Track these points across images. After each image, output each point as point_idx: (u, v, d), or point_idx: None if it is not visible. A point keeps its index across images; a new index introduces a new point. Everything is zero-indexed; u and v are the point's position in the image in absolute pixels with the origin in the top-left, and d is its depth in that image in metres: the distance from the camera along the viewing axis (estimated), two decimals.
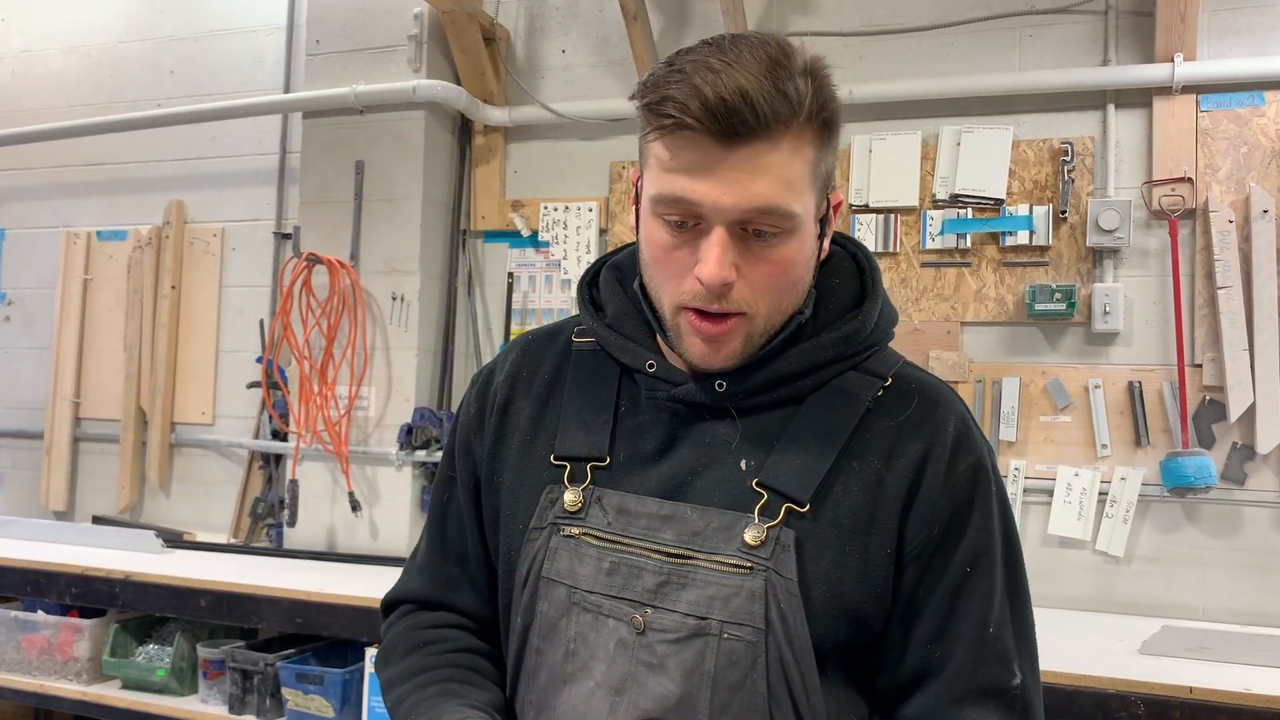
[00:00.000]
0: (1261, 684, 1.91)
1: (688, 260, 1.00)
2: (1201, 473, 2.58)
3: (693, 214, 0.98)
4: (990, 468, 1.08)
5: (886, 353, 1.12)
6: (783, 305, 1.04)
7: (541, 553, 1.09)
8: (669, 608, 1.03)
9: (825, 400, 1.07)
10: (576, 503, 1.09)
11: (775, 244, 0.99)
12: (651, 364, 1.09)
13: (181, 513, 3.74)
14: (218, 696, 2.72)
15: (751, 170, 0.95)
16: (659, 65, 0.99)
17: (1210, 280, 2.69)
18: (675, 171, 0.97)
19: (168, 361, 3.75)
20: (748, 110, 0.93)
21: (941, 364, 2.87)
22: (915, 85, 2.95)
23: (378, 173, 3.29)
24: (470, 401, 1.23)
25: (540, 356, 1.20)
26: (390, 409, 3.24)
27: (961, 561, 1.05)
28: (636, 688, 1.03)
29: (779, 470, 1.04)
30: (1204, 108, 2.74)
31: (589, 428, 1.12)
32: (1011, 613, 1.08)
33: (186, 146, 3.85)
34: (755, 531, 1.02)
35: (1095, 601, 2.75)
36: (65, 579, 2.79)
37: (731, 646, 1.01)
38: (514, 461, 1.16)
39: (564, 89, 3.37)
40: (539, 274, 3.37)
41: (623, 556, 1.06)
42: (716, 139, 0.95)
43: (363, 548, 3.20)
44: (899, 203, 2.97)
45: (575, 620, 1.06)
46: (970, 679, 1.04)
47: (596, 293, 1.19)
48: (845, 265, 1.14)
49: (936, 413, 1.07)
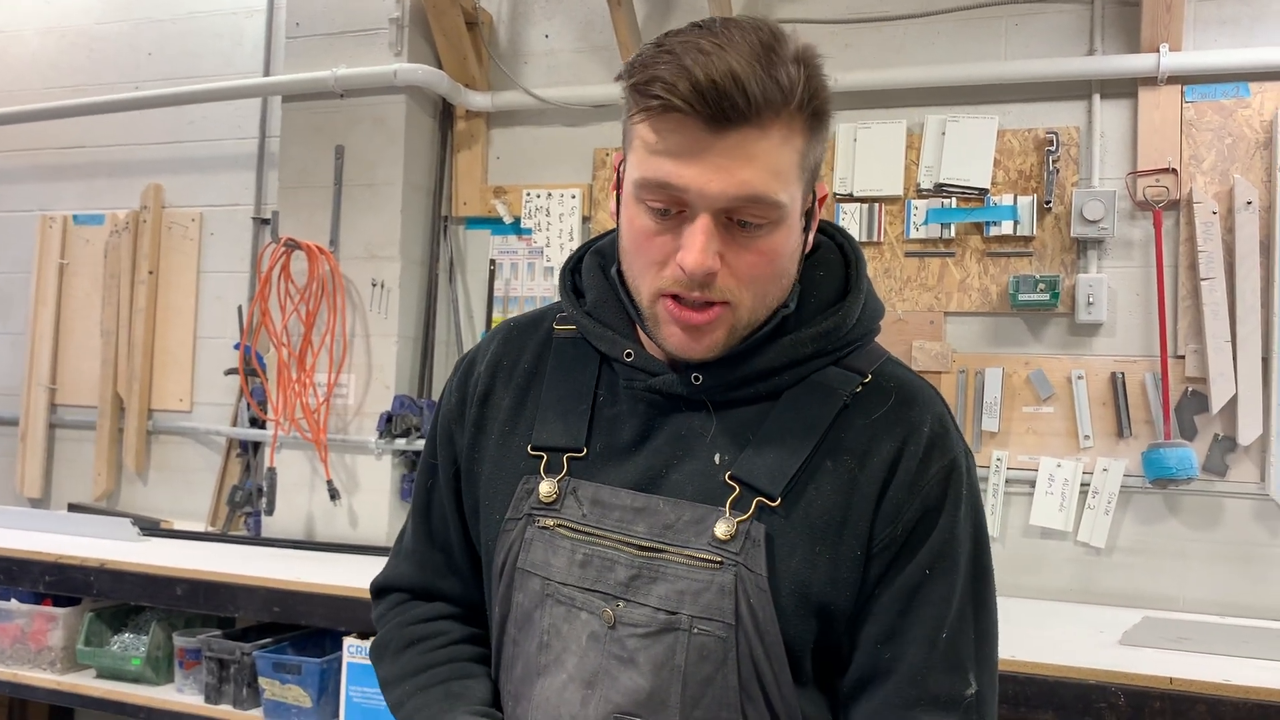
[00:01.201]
0: (1241, 675, 1.91)
1: (669, 246, 0.98)
2: (1183, 464, 2.59)
3: (677, 200, 0.96)
4: (965, 470, 1.05)
5: (870, 348, 1.10)
6: (767, 298, 1.02)
7: (517, 544, 1.08)
8: (640, 601, 1.02)
9: (803, 395, 1.05)
10: (552, 494, 1.08)
11: (760, 234, 0.97)
12: (629, 353, 1.08)
13: (159, 500, 3.70)
14: (194, 686, 2.69)
15: (740, 157, 0.93)
16: (647, 46, 0.96)
17: (1194, 271, 2.69)
18: (661, 155, 0.95)
19: (145, 348, 3.70)
20: (739, 94, 0.91)
21: (925, 354, 2.86)
22: (901, 74, 2.94)
23: (358, 157, 3.25)
24: (452, 390, 1.22)
25: (521, 345, 1.19)
26: (370, 397, 3.21)
27: (922, 562, 1.02)
28: (608, 681, 1.02)
29: (752, 464, 1.03)
30: (1189, 98, 2.73)
31: (567, 418, 1.10)
32: (974, 621, 1.04)
33: (165, 130, 3.79)
34: (726, 526, 1.01)
35: (1076, 592, 2.75)
36: (39, 567, 2.76)
37: (702, 641, 1.00)
38: (493, 452, 1.15)
39: (547, 74, 3.34)
40: (521, 261, 3.34)
41: (595, 549, 1.05)
42: (705, 123, 0.92)
43: (342, 536, 3.17)
44: (883, 192, 2.95)
45: (549, 612, 1.06)
46: (920, 685, 1.01)
47: (579, 279, 1.17)
48: (831, 257, 1.12)
49: (913, 411, 1.05)
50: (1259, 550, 2.64)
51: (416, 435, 3.14)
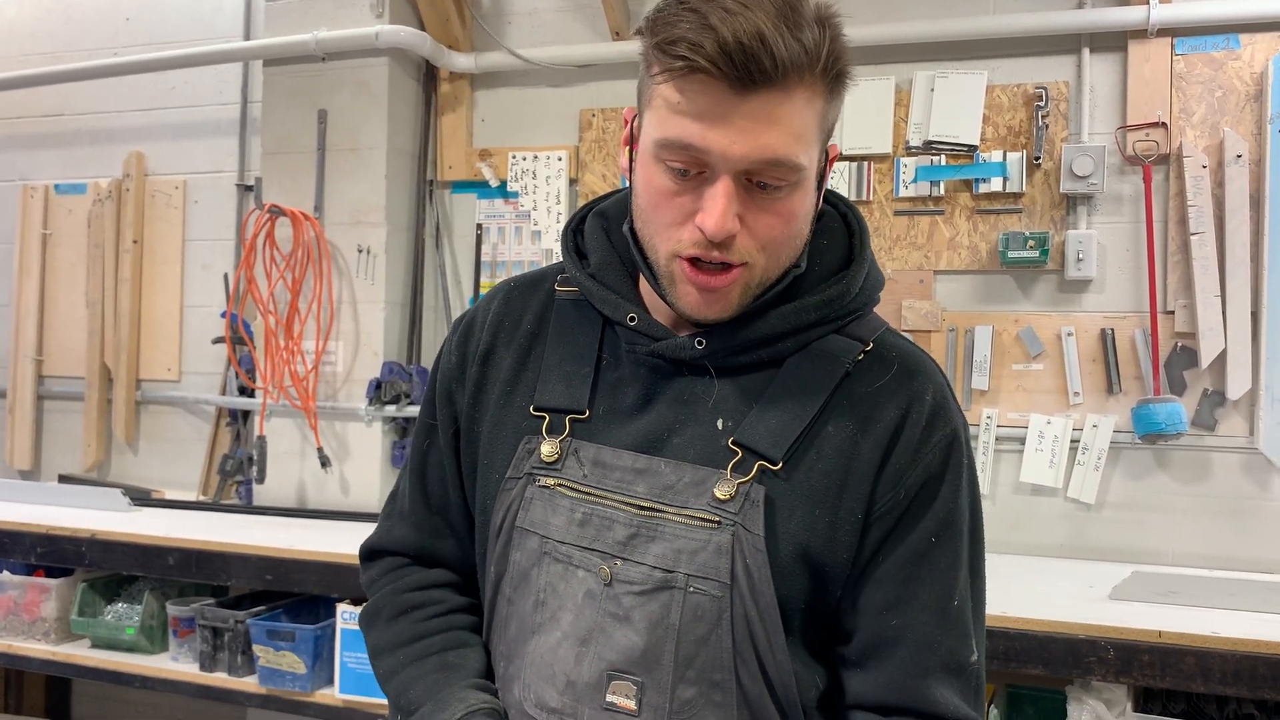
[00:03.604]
0: (1228, 627, 1.93)
1: (688, 207, 0.98)
2: (1172, 419, 2.59)
3: (699, 162, 0.95)
4: (964, 441, 1.07)
5: (870, 317, 1.11)
6: (781, 259, 1.02)
7: (517, 502, 1.08)
8: (637, 560, 1.02)
9: (805, 362, 1.06)
10: (553, 454, 1.08)
11: (780, 196, 0.97)
12: (633, 317, 1.07)
13: (149, 470, 3.69)
14: (188, 654, 2.70)
15: (764, 120, 0.92)
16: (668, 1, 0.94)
17: (1183, 226, 2.68)
18: (684, 115, 0.94)
19: (131, 317, 3.68)
20: (766, 56, 0.89)
21: (914, 313, 2.85)
22: (889, 29, 2.90)
23: (341, 122, 3.22)
24: (451, 349, 1.21)
25: (523, 305, 1.18)
26: (358, 363, 3.20)
27: (928, 530, 1.03)
28: (603, 639, 1.02)
29: (754, 429, 1.03)
30: (1179, 51, 2.71)
31: (569, 379, 1.10)
32: (972, 589, 1.06)
33: (145, 97, 3.74)
34: (726, 487, 1.01)
35: (1067, 548, 2.76)
36: (31, 538, 2.75)
37: (697, 600, 1.00)
38: (493, 411, 1.14)
39: (531, 34, 3.30)
40: (508, 225, 3.32)
41: (595, 508, 1.05)
42: (730, 85, 0.91)
43: (333, 503, 3.17)
44: (872, 150, 2.93)
45: (546, 570, 1.06)
46: (934, 652, 1.02)
47: (581, 240, 1.16)
48: (835, 225, 1.12)
49: (915, 381, 1.06)
50: (1247, 504, 2.66)
51: (406, 402, 3.13)
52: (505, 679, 1.09)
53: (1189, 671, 1.87)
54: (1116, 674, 1.92)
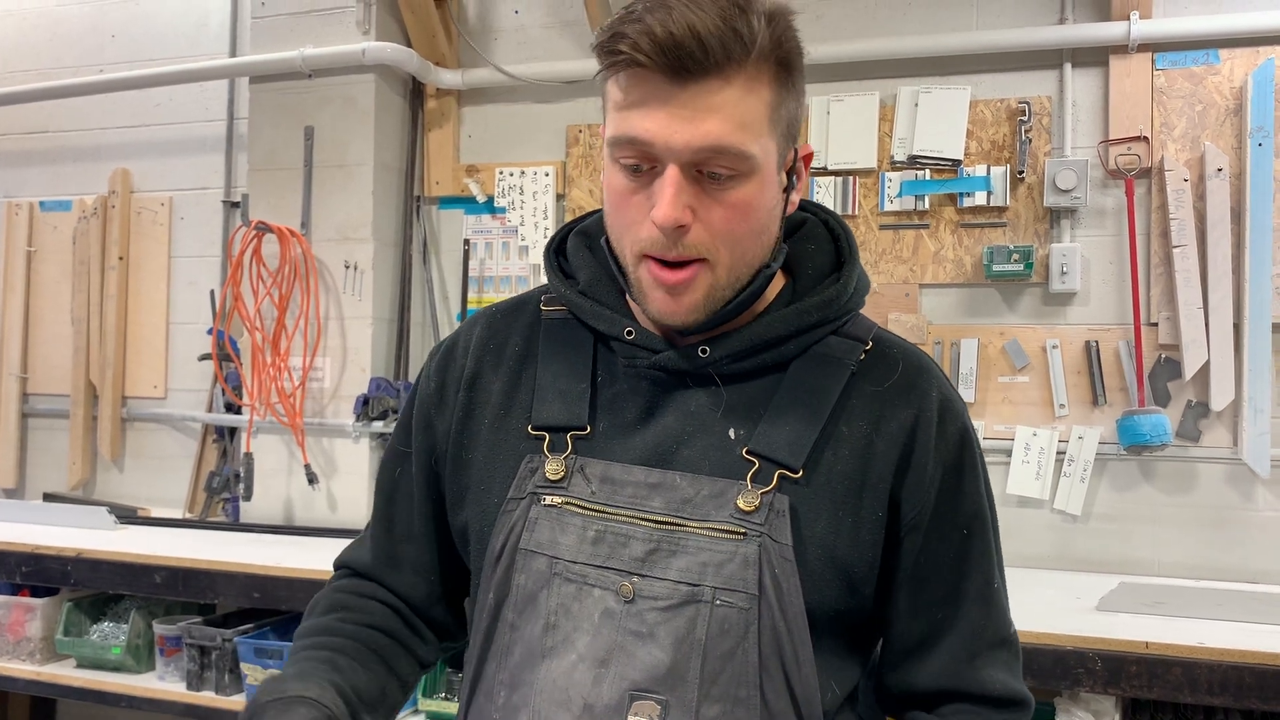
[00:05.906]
0: (1215, 637, 1.94)
1: (644, 205, 0.99)
2: (1157, 430, 2.61)
3: (647, 155, 0.97)
4: (972, 429, 1.10)
5: (860, 318, 1.12)
6: (746, 255, 1.02)
7: (520, 524, 1.06)
8: (659, 575, 1.01)
9: (809, 366, 1.07)
10: (558, 471, 1.06)
11: (731, 186, 0.98)
12: (630, 331, 1.08)
13: (135, 488, 3.67)
14: (175, 673, 2.68)
15: (703, 108, 0.94)
16: (620, 11, 0.98)
17: (1165, 239, 2.70)
18: (626, 110, 0.97)
19: (117, 334, 3.66)
20: (696, 46, 0.92)
21: (900, 326, 2.86)
22: (873, 45, 2.92)
23: (328, 138, 3.22)
24: (430, 375, 1.20)
25: (508, 328, 1.17)
26: (346, 380, 3.19)
27: (960, 525, 1.07)
28: (624, 658, 1.00)
29: (769, 438, 1.03)
30: (1160, 66, 2.74)
31: (566, 397, 1.09)
32: (999, 566, 1.12)
33: (131, 113, 3.74)
34: (749, 498, 1.01)
35: (1053, 559, 2.77)
36: (16, 557, 2.73)
37: (724, 613, 0.99)
38: (486, 435, 1.13)
39: (517, 50, 3.31)
40: (496, 240, 3.32)
41: (609, 525, 1.03)
42: (666, 75, 0.94)
43: (321, 520, 3.16)
44: (857, 165, 2.95)
45: (556, 592, 1.03)
46: (981, 636, 1.07)
47: (564, 260, 1.16)
48: (819, 232, 1.14)
49: (922, 379, 1.08)
50: (1232, 514, 2.67)
51: (394, 417, 3.12)
52: (509, 708, 1.04)
53: (1176, 682, 1.88)
54: (1104, 685, 1.93)
